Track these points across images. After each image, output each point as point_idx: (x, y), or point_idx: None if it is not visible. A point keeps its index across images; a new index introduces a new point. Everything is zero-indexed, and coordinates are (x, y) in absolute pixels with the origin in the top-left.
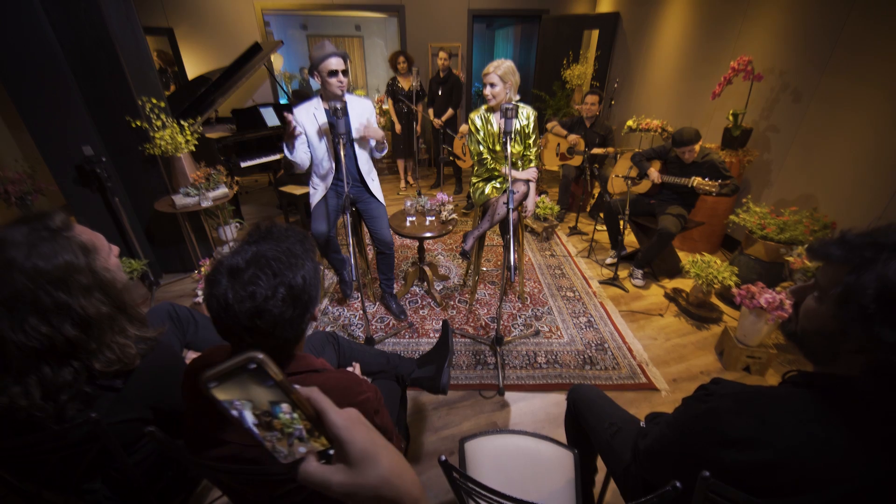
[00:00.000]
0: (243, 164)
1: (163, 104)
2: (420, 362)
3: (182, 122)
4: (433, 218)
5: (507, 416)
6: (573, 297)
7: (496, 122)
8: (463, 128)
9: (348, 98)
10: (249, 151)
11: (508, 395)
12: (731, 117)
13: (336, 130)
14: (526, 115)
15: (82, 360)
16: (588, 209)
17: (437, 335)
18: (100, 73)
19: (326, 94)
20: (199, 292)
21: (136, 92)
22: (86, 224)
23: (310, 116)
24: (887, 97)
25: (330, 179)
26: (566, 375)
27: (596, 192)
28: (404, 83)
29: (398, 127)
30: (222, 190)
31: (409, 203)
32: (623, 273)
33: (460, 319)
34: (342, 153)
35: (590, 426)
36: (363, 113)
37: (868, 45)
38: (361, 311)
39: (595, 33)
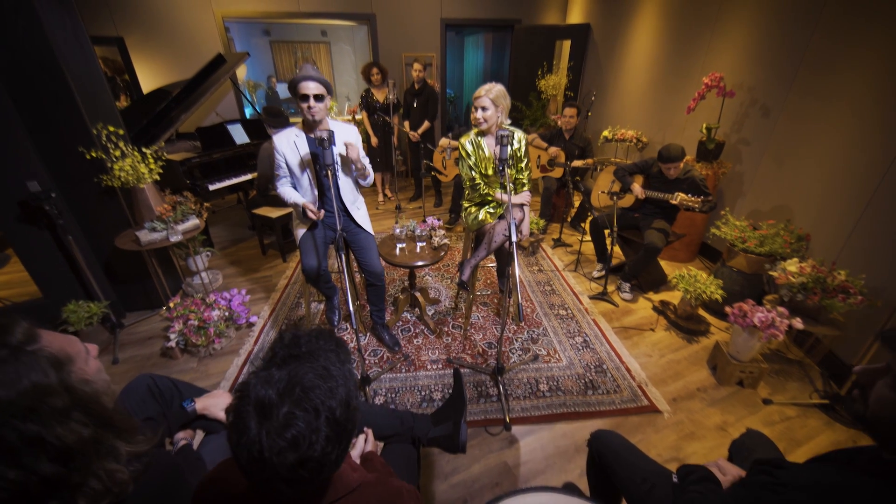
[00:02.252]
0: (212, 188)
1: (121, 132)
2: (435, 419)
3: (144, 150)
4: (424, 244)
5: (516, 453)
6: (566, 316)
7: (487, 146)
8: (443, 141)
9: (333, 126)
10: (217, 172)
11: (515, 430)
12: (704, 131)
13: (322, 161)
14: (518, 139)
15: (63, 499)
16: (569, 219)
17: (435, 367)
18: (45, 98)
19: (305, 121)
20: (172, 336)
21: (90, 119)
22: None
23: (290, 145)
24: (854, 111)
25: None
26: (570, 403)
27: (577, 202)
28: (379, 95)
29: (374, 140)
30: (192, 222)
31: (398, 230)
32: (610, 286)
33: (456, 347)
34: (330, 184)
35: (619, 480)
36: (349, 141)
37: (832, 61)
38: (354, 345)
39: (567, 44)
